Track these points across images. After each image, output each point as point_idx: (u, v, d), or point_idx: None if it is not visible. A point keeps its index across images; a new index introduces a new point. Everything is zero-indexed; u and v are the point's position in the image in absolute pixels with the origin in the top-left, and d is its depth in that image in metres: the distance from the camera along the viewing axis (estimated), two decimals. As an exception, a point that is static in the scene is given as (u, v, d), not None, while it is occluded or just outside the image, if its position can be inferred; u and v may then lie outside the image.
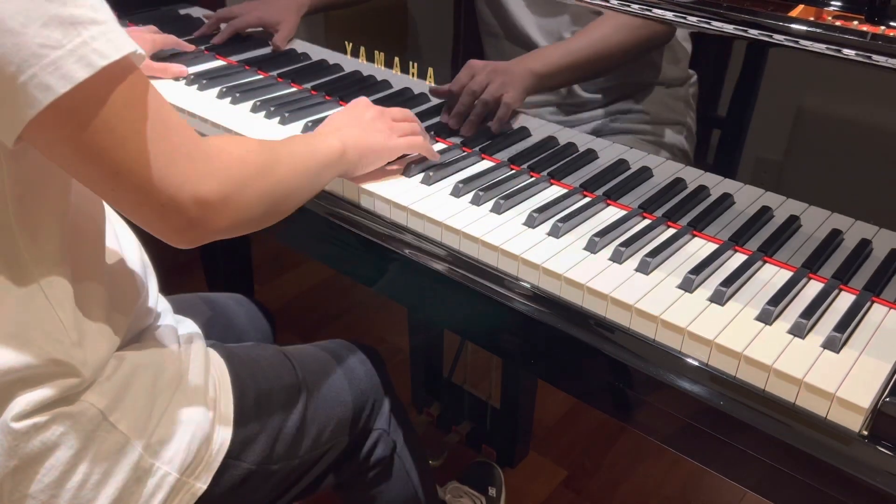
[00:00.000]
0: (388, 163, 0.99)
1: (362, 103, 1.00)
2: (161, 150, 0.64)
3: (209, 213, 0.67)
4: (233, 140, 0.77)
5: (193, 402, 0.81)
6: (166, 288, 0.92)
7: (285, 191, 0.78)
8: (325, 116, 1.14)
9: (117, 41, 0.61)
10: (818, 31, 0.79)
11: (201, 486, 0.81)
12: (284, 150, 0.81)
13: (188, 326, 0.91)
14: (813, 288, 0.81)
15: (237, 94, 1.19)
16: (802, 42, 0.80)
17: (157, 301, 0.85)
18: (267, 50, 1.35)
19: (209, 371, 0.86)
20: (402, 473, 1.09)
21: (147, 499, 0.78)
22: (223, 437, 0.83)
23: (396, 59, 1.12)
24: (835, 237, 0.86)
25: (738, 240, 0.88)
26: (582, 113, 1.01)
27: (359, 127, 0.94)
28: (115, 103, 0.61)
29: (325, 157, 0.87)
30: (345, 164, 0.91)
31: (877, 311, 0.78)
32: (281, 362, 0.96)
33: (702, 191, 0.94)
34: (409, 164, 0.99)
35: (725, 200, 0.92)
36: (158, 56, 1.32)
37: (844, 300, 0.79)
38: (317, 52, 1.30)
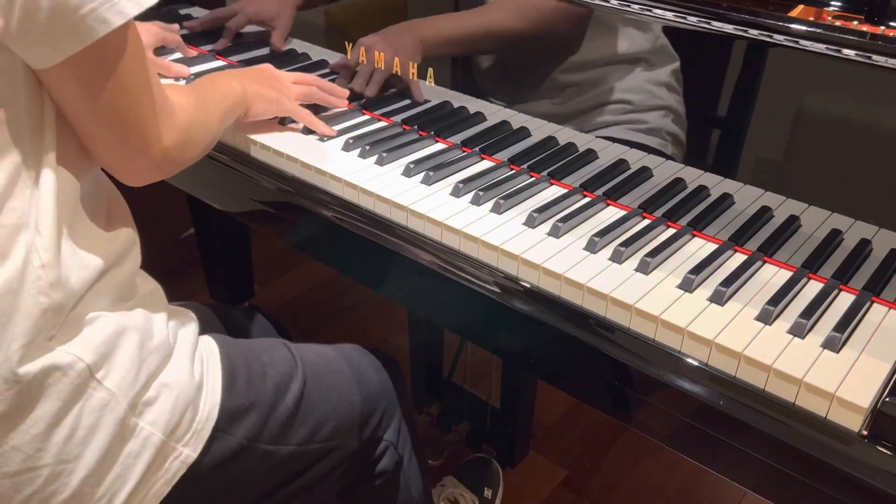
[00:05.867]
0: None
1: (267, 67, 1.11)
2: (148, 103, 0.74)
3: (166, 160, 0.78)
4: (180, 92, 0.84)
5: (180, 369, 0.82)
6: (167, 288, 0.92)
7: (213, 135, 0.91)
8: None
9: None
10: (818, 31, 0.80)
11: (190, 453, 0.81)
12: (210, 98, 0.92)
13: (181, 311, 0.91)
14: (813, 288, 0.81)
15: (237, 95, 1.19)
16: (802, 42, 0.80)
17: (137, 267, 0.85)
18: (266, 50, 1.35)
19: (198, 347, 0.87)
20: (404, 490, 1.09)
21: (133, 459, 0.78)
22: (210, 406, 0.84)
23: (396, 60, 1.12)
24: (835, 237, 0.86)
25: (737, 240, 0.88)
26: (564, 105, 1.01)
27: (258, 81, 1.05)
28: (129, 55, 0.70)
29: (232, 101, 0.99)
30: (242, 108, 1.02)
31: (876, 311, 0.78)
32: (279, 351, 0.95)
33: (701, 191, 0.94)
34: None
35: (725, 200, 0.92)
36: (158, 53, 1.31)
37: (844, 300, 0.79)
38: (317, 52, 1.30)
